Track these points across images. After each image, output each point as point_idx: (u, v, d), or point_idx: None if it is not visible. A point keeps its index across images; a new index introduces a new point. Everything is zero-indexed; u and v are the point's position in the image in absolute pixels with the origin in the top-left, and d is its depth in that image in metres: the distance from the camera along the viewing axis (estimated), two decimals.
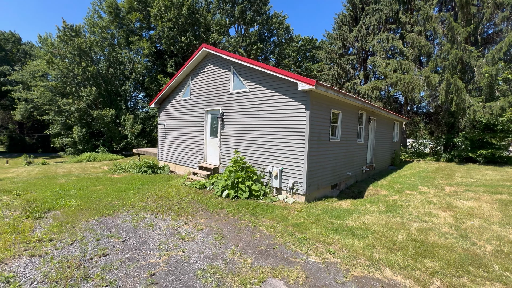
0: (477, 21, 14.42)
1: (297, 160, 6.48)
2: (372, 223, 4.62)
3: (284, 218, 4.91)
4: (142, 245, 3.64)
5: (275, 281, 2.82)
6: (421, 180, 9.37)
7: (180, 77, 10.58)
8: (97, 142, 32.96)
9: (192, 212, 5.19)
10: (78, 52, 31.01)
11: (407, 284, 2.81)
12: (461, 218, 4.98)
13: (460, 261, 3.22)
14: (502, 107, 12.36)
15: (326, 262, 3.28)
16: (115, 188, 7.12)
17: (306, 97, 6.21)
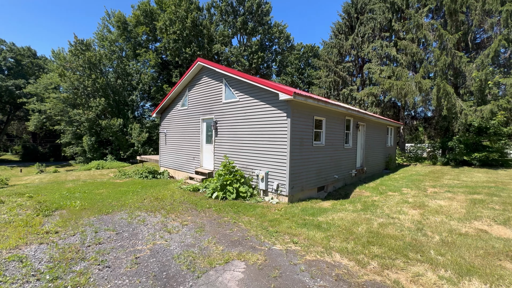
0: (466, 27, 14.84)
1: (280, 164, 7.03)
2: (341, 219, 5.11)
3: (263, 216, 5.45)
4: (132, 237, 4.25)
5: (237, 262, 3.36)
6: (408, 183, 9.71)
7: (178, 88, 11.38)
8: (106, 151, 34.19)
9: (181, 211, 5.80)
10: (88, 65, 32.66)
11: (349, 265, 3.31)
12: (427, 215, 5.41)
13: (403, 248, 3.69)
14: (491, 110, 12.63)
15: (287, 249, 3.81)
16: (116, 191, 7.82)
17: (287, 106, 6.81)
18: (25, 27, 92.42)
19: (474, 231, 4.43)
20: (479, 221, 4.92)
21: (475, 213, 5.37)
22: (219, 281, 2.92)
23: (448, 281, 2.87)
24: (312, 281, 2.94)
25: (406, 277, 2.99)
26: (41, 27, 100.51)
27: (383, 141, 14.04)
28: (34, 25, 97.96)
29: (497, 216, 5.15)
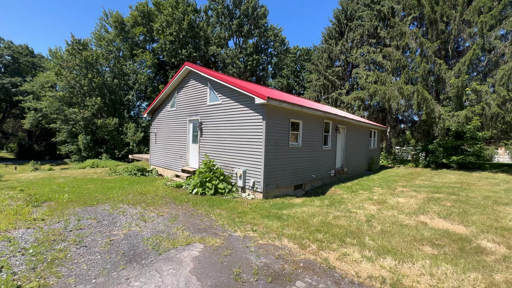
0: (446, 36, 15.55)
1: (256, 163, 7.59)
2: (302, 212, 5.68)
3: (234, 209, 6.00)
4: (111, 224, 4.77)
5: (197, 244, 3.91)
6: (382, 183, 10.31)
7: (168, 90, 11.92)
8: (101, 150, 34.51)
9: (161, 204, 6.33)
10: (85, 64, 33.03)
11: (292, 247, 3.87)
12: (382, 210, 5.99)
13: (343, 235, 4.26)
14: (466, 116, 13.31)
15: (245, 235, 4.36)
16: (103, 186, 8.32)
17: (262, 109, 7.38)
18: (23, 26, 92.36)
19: (415, 223, 5.01)
20: (425, 215, 5.51)
21: (425, 209, 5.96)
22: (176, 257, 3.46)
23: (367, 259, 3.44)
24: (256, 259, 3.49)
25: (335, 256, 3.55)
26: (39, 26, 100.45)
27: (365, 143, 14.65)
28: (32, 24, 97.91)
29: (442, 211, 5.75)
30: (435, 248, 3.83)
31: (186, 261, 3.35)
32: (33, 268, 3.05)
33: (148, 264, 3.26)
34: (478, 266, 3.23)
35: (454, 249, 3.76)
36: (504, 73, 12.64)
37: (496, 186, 9.37)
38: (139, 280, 2.89)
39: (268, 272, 3.15)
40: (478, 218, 5.22)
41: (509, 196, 7.58)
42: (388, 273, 3.09)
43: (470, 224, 4.88)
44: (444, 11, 14.85)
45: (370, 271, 3.16)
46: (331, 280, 3.00)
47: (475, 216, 5.37)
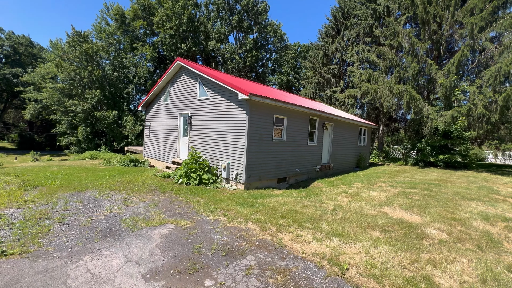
0: (438, 37, 15.75)
1: (239, 156, 7.98)
2: (276, 202, 6.09)
3: (213, 197, 6.42)
4: (95, 207, 5.20)
5: (169, 225, 4.33)
6: (365, 179, 10.69)
7: (161, 84, 12.28)
8: (100, 142, 34.99)
9: (146, 192, 6.76)
10: (85, 56, 33.30)
11: (254, 230, 4.28)
12: (352, 202, 6.39)
13: (304, 220, 4.67)
14: (452, 116, 13.61)
15: (216, 219, 4.78)
16: (94, 175, 8.77)
17: (245, 104, 7.74)
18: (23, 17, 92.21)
19: (377, 213, 5.41)
20: (389, 207, 5.91)
21: (391, 201, 6.36)
22: (147, 234, 3.88)
23: (317, 240, 3.85)
24: (219, 238, 3.91)
25: (289, 237, 3.97)
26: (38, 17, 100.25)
27: (354, 140, 15.00)
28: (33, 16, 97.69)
29: (406, 203, 6.15)
30: (383, 233, 4.23)
31: (155, 237, 3.77)
32: (18, 239, 3.48)
33: (120, 239, 3.69)
34: (412, 248, 3.64)
35: (399, 234, 4.16)
36: (491, 74, 12.90)
37: (472, 183, 9.74)
38: (109, 250, 3.32)
39: (225, 248, 3.57)
40: (436, 210, 5.61)
41: (479, 192, 7.96)
42: (330, 251, 3.50)
43: (426, 215, 5.28)
44: (437, 12, 15.03)
45: (315, 249, 3.58)
46: (278, 255, 3.41)
47: (434, 208, 5.76)
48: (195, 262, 3.12)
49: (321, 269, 3.10)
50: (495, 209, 5.91)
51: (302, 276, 2.94)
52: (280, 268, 3.08)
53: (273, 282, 2.79)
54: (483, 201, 6.70)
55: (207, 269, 2.99)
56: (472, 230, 4.45)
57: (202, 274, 2.88)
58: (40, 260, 2.99)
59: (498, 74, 12.62)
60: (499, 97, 12.52)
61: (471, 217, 5.19)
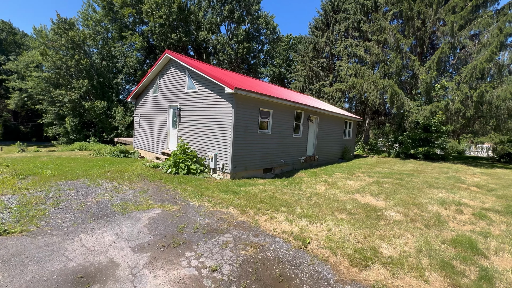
0: (422, 33, 16.32)
1: (226, 147, 8.40)
2: (258, 189, 6.59)
3: (199, 186, 6.86)
4: (87, 194, 5.56)
5: (156, 209, 4.76)
6: (346, 169, 11.32)
7: (150, 76, 12.41)
8: (89, 133, 34.57)
9: (135, 180, 7.12)
10: (72, 45, 32.40)
11: (234, 213, 4.76)
12: (328, 189, 6.96)
13: (280, 205, 5.19)
14: (431, 110, 14.35)
15: (200, 204, 5.23)
16: (85, 165, 9.03)
17: (231, 98, 8.10)
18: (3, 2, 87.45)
19: (348, 199, 5.99)
20: (360, 194, 6.50)
21: (364, 189, 6.97)
22: (136, 216, 4.31)
23: (288, 221, 4.37)
24: (202, 220, 4.37)
25: (264, 219, 4.47)
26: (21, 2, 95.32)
27: (339, 133, 15.61)
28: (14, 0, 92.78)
29: (376, 191, 6.76)
30: (348, 215, 4.80)
31: (143, 219, 4.20)
32: (17, 220, 3.84)
33: (111, 220, 4.10)
34: (369, 226, 4.20)
35: (361, 216, 4.73)
36: (468, 71, 13.61)
37: (443, 174, 10.53)
38: (101, 229, 3.73)
39: (206, 227, 4.04)
40: (401, 196, 6.24)
41: (446, 182, 8.70)
42: (298, 229, 4.02)
43: (391, 200, 5.89)
44: (421, 9, 15.53)
45: (285, 228, 4.09)
46: (252, 233, 3.91)
47: (400, 195, 6.40)
48: (178, 238, 3.58)
49: (288, 243, 3.62)
50: (454, 196, 6.60)
51: (270, 249, 3.45)
52: (253, 243, 3.58)
53: (244, 253, 3.28)
54: (446, 189, 7.40)
55: (188, 244, 3.46)
56: (426, 213, 5.08)
57: (184, 247, 3.34)
58: (40, 237, 3.37)
59: (474, 71, 13.35)
60: (474, 93, 13.29)
61: (429, 202, 5.84)
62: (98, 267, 2.78)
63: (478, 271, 2.97)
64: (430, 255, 3.31)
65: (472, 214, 5.14)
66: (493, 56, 12.99)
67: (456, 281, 2.76)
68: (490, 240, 3.89)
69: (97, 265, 2.81)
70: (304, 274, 2.90)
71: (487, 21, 13.89)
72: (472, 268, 3.03)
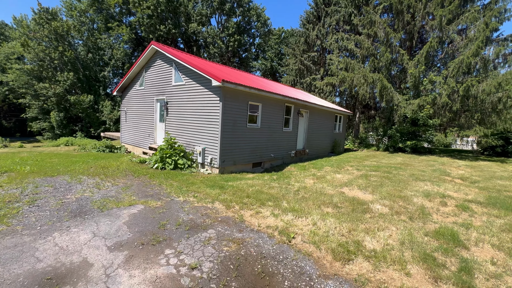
0: (411, 28, 16.38)
1: (214, 141, 8.24)
2: (245, 184, 6.50)
3: (186, 181, 6.71)
4: (67, 191, 5.33)
5: (139, 205, 4.61)
6: (335, 163, 11.36)
7: (136, 68, 12.01)
8: (76, 127, 33.56)
9: (119, 176, 6.90)
10: (55, 36, 31.09)
11: (219, 208, 4.67)
12: (316, 183, 6.95)
13: (266, 199, 5.12)
14: (419, 104, 14.53)
15: (185, 200, 5.11)
16: (67, 160, 8.70)
17: (219, 91, 7.91)
18: None
19: (335, 192, 5.99)
20: (347, 187, 6.52)
21: (351, 183, 6.99)
22: (116, 213, 4.15)
23: (274, 215, 4.31)
24: (185, 216, 4.26)
25: (250, 214, 4.40)
26: None
27: (329, 127, 15.65)
28: None
29: (363, 184, 6.79)
30: (335, 209, 4.78)
31: (123, 216, 4.05)
32: None
33: (89, 218, 3.93)
34: (354, 220, 4.19)
35: (348, 210, 4.72)
36: (455, 66, 13.80)
37: (429, 167, 10.72)
38: (77, 227, 3.57)
39: (190, 224, 3.93)
40: (387, 189, 6.29)
41: (432, 174, 8.85)
42: (283, 224, 3.97)
43: (378, 193, 5.92)
44: (410, 2, 15.54)
45: (270, 223, 4.03)
46: (236, 229, 3.83)
47: (386, 188, 6.45)
48: (158, 235, 3.46)
49: (272, 238, 3.56)
50: (438, 188, 6.71)
51: (254, 244, 3.38)
52: (236, 239, 3.49)
53: (227, 250, 3.20)
54: (432, 182, 7.52)
55: (169, 241, 3.34)
56: (411, 205, 5.13)
57: (164, 245, 3.23)
58: (9, 237, 3.19)
59: (461, 65, 13.54)
60: (461, 87, 13.51)
61: (415, 194, 5.90)
62: (69, 267, 2.64)
63: (458, 262, 2.99)
64: (413, 247, 3.31)
65: (455, 206, 5.22)
66: (479, 50, 13.18)
67: (437, 273, 2.76)
68: (471, 231, 3.95)
69: (69, 265, 2.67)
70: (286, 269, 2.85)
71: (474, 16, 14.04)
72: (453, 260, 3.05)
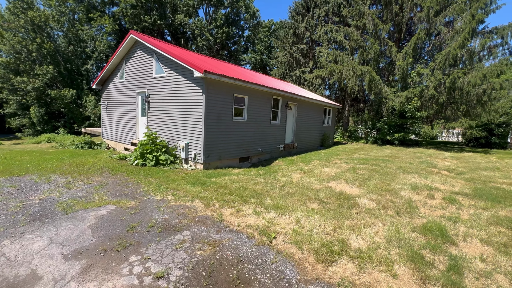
0: (399, 19, 16.26)
1: (198, 136, 7.87)
2: (229, 180, 6.20)
3: (166, 178, 6.35)
4: (32, 191, 4.88)
5: (110, 206, 4.24)
6: (324, 156, 11.19)
7: (116, 60, 11.35)
8: (58, 123, 32.20)
9: (95, 174, 6.46)
10: (32, 26, 29.44)
11: (198, 207, 4.36)
12: (303, 178, 6.73)
13: (249, 196, 4.85)
14: (407, 96, 14.53)
15: (162, 198, 4.77)
16: (40, 158, 8.14)
17: (201, 82, 7.50)
18: None
19: (322, 187, 5.78)
20: (335, 181, 6.33)
21: (339, 176, 6.81)
22: (82, 216, 3.77)
23: (256, 213, 4.05)
24: (160, 216, 3.93)
25: (230, 212, 4.12)
26: None
27: (319, 120, 15.48)
28: None
29: (351, 178, 6.63)
30: (320, 204, 4.57)
31: (89, 219, 3.68)
32: None
33: (50, 222, 3.54)
34: (340, 216, 3.99)
35: (334, 205, 4.52)
36: (441, 58, 13.80)
37: (417, 159, 10.73)
38: (33, 233, 3.19)
39: (163, 225, 3.61)
40: (375, 182, 6.14)
41: (419, 166, 8.82)
42: (265, 223, 3.71)
43: (365, 187, 5.76)
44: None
45: (251, 222, 3.76)
46: (214, 229, 3.54)
47: (374, 181, 6.30)
48: (125, 240, 3.13)
49: (252, 239, 3.29)
50: (426, 180, 6.63)
51: (231, 246, 3.10)
52: (212, 241, 3.21)
53: (200, 254, 2.91)
54: (419, 174, 7.45)
55: (137, 245, 3.02)
56: (398, 199, 4.98)
57: (129, 250, 2.90)
58: None
59: (448, 57, 13.55)
60: (447, 79, 13.55)
61: (402, 187, 5.78)
62: (12, 282, 2.28)
63: (447, 260, 2.82)
64: (400, 245, 3.13)
65: (442, 199, 5.11)
66: (466, 42, 13.20)
67: (425, 273, 2.57)
68: (459, 225, 3.81)
69: (12, 280, 2.32)
70: (264, 274, 2.59)
71: (461, 7, 14.03)
72: (441, 258, 2.88)
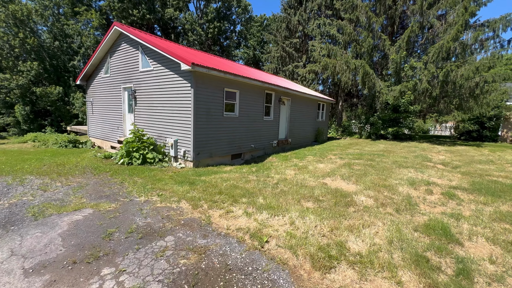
0: (393, 12, 16.07)
1: (187, 132, 7.49)
2: (220, 178, 5.88)
3: (153, 177, 5.98)
4: (2, 195, 4.46)
5: (87, 210, 3.87)
6: (318, 152, 10.98)
7: (99, 54, 10.78)
8: (45, 122, 31.16)
9: (75, 175, 6.04)
10: (14, 21, 28.19)
11: (185, 208, 4.04)
12: (298, 174, 6.46)
13: (240, 195, 4.55)
14: (400, 90, 14.41)
15: (147, 200, 4.42)
16: (17, 158, 7.63)
17: (190, 76, 7.11)
18: None
19: (317, 184, 5.53)
20: (330, 178, 6.09)
21: (334, 172, 6.57)
22: (53, 222, 3.40)
23: (246, 215, 3.75)
24: (141, 220, 3.59)
25: (219, 214, 3.81)
26: None
27: (312, 115, 15.24)
28: None
29: (347, 173, 6.40)
30: (316, 203, 4.30)
31: (62, 225, 3.32)
32: None
33: (15, 230, 3.16)
34: (337, 215, 3.73)
35: (330, 203, 4.26)
36: (435, 51, 13.69)
37: (411, 153, 10.62)
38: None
39: (144, 230, 3.28)
40: (371, 178, 5.93)
41: (415, 161, 8.68)
42: (256, 225, 3.42)
43: (361, 183, 5.54)
44: None
45: (241, 224, 3.47)
46: (201, 233, 3.23)
47: (370, 177, 6.09)
48: (99, 249, 2.79)
49: (242, 244, 3.00)
50: (422, 175, 6.46)
51: (219, 253, 2.80)
52: (198, 247, 2.90)
53: (184, 263, 2.60)
54: (415, 168, 7.29)
55: (112, 255, 2.69)
56: (397, 195, 4.76)
57: (102, 262, 2.57)
58: None
59: (441, 50, 13.44)
60: (440, 73, 13.47)
61: (399, 183, 5.57)
62: None
63: (454, 263, 2.59)
64: (403, 247, 2.89)
65: (441, 194, 4.93)
66: (459, 35, 13.10)
67: (433, 279, 2.33)
68: (462, 222, 3.61)
69: None
70: (255, 285, 2.30)
71: (454, 0, 13.90)
72: (448, 261, 2.65)
